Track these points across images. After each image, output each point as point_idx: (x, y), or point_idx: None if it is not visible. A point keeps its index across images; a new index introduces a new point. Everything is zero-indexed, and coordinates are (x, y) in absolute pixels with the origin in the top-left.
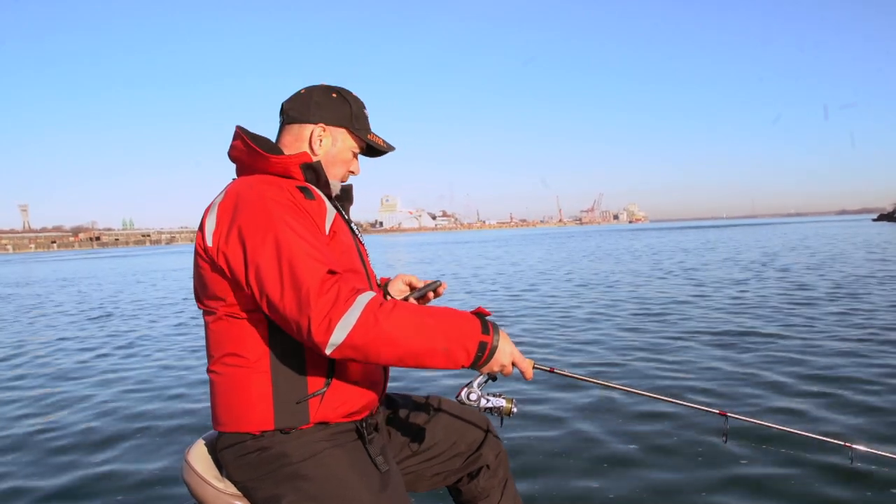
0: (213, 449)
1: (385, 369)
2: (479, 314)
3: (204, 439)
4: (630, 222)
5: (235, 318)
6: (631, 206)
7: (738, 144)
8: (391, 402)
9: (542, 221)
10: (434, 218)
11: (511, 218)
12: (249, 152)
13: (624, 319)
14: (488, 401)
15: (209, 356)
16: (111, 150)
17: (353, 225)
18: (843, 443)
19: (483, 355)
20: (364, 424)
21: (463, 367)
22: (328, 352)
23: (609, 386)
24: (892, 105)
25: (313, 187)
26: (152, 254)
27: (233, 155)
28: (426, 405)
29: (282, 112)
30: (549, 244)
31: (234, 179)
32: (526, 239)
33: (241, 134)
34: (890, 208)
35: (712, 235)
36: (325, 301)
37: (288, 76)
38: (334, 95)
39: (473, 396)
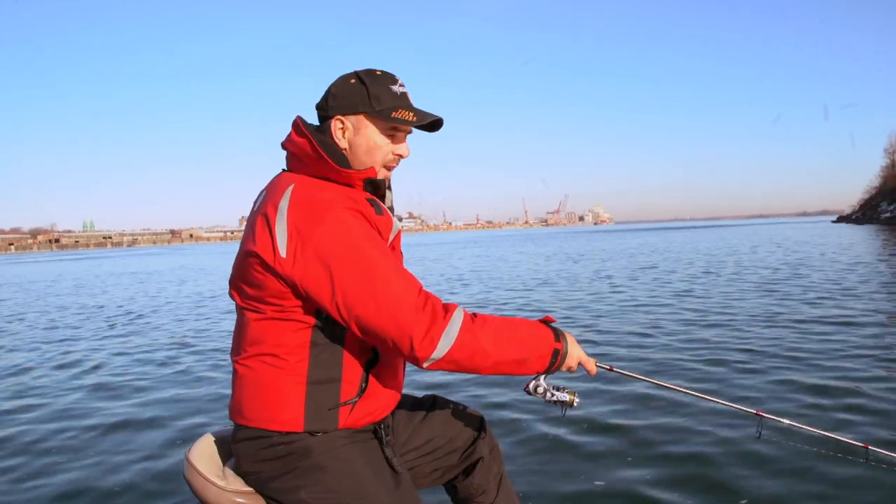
0: (216, 447)
1: (403, 375)
2: (547, 322)
3: (206, 437)
4: (595, 224)
5: (282, 321)
6: (596, 207)
7: (694, 146)
8: None
9: (508, 223)
10: (400, 220)
11: (477, 219)
12: (317, 158)
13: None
14: (553, 394)
15: (240, 349)
16: (71, 151)
17: None
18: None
19: (556, 361)
20: (382, 426)
21: (537, 373)
22: (425, 365)
23: (658, 384)
24: (892, 105)
25: (380, 201)
26: (122, 255)
27: (291, 150)
28: (424, 403)
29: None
30: (550, 245)
31: (284, 171)
32: (503, 239)
33: (306, 133)
34: (848, 210)
35: (711, 235)
36: (423, 318)
37: (286, 76)
38: (353, 81)
39: (540, 389)
